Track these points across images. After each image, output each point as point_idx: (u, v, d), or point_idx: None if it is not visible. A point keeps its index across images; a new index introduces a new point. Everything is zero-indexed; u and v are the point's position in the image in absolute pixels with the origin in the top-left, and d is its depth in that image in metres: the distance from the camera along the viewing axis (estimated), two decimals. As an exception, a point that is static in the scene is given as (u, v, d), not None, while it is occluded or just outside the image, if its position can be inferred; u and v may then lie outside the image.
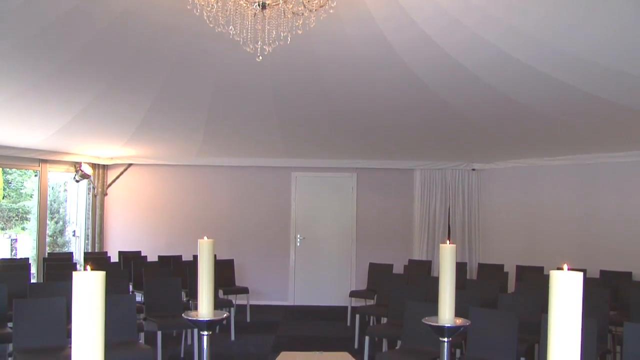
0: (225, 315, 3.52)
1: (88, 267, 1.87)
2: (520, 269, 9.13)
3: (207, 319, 3.35)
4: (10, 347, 5.55)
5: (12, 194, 15.02)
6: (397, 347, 6.32)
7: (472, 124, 8.12)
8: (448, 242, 3.53)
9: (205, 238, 3.35)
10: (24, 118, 7.94)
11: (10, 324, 5.93)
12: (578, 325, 1.77)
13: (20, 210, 14.75)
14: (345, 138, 9.64)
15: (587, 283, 1.84)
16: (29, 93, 6.91)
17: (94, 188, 11.27)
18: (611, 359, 6.42)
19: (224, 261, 9.90)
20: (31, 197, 14.03)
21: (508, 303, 6.38)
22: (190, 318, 3.39)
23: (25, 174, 14.32)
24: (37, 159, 9.91)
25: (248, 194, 11.50)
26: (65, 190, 12.87)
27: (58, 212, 13.09)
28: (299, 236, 11.48)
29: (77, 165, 10.73)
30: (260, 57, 4.43)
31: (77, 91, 7.14)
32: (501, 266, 9.30)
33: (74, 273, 1.80)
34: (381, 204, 11.45)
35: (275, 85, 7.19)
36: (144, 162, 11.29)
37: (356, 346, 7.99)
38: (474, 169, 11.14)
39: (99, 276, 1.80)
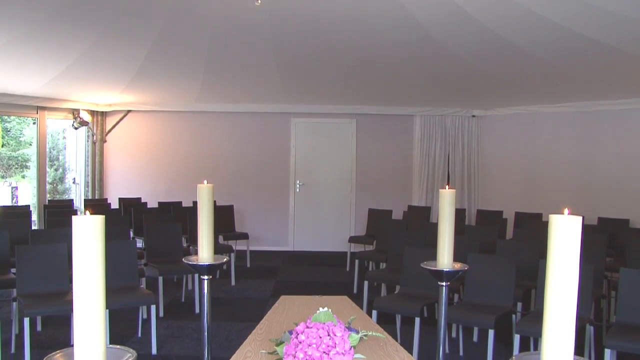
0: (225, 260, 3.54)
1: (87, 212, 1.87)
2: (518, 216, 9.17)
3: (207, 264, 3.37)
4: (14, 292, 5.61)
5: (11, 142, 14.99)
6: (396, 292, 6.39)
7: (472, 70, 8.05)
8: (447, 187, 3.53)
9: (205, 183, 3.35)
10: (20, 65, 7.86)
11: (13, 270, 5.98)
12: (576, 270, 1.77)
13: (19, 158, 14.75)
14: (345, 84, 9.57)
15: (585, 230, 1.85)
16: (24, 39, 6.82)
17: (92, 135, 11.24)
18: (606, 304, 6.51)
19: (224, 207, 9.93)
20: (30, 144, 14.01)
21: (506, 249, 6.42)
22: (190, 262, 3.41)
23: (23, 121, 14.27)
24: (35, 106, 9.85)
25: (248, 140, 11.47)
26: (64, 137, 12.83)
27: (57, 159, 13.09)
28: (298, 182, 11.50)
29: (75, 112, 10.67)
30: (259, 1, 4.36)
31: (73, 37, 7.05)
32: (500, 212, 9.34)
33: (73, 217, 1.80)
34: (381, 150, 11.43)
35: (275, 30, 7.09)
36: (143, 108, 11.22)
37: (355, 291, 8.08)
38: (474, 116, 11.09)
39: (99, 220, 1.80)
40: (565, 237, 1.77)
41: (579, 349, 1.71)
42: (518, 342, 4.89)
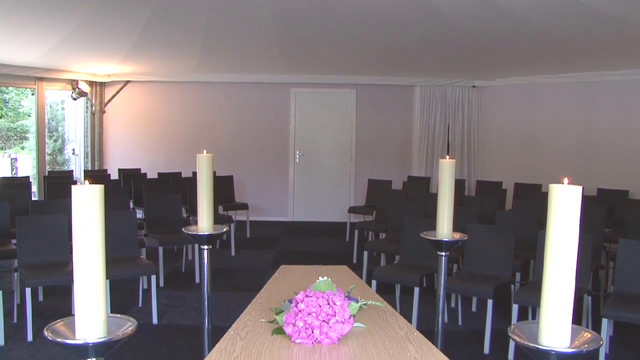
0: (225, 229, 3.55)
1: (87, 182, 1.87)
2: (518, 187, 9.18)
3: (207, 233, 3.38)
4: (15, 262, 5.64)
5: (10, 113, 14.94)
6: (395, 262, 6.42)
7: (473, 40, 7.99)
8: (447, 158, 3.53)
9: (205, 152, 3.35)
10: (17, 34, 7.79)
11: (14, 241, 6.00)
12: (575, 239, 1.78)
13: (18, 129, 14.71)
14: (345, 53, 9.50)
15: (584, 201, 1.84)
16: (21, 9, 6.75)
17: (91, 106, 11.19)
18: (604, 274, 6.54)
19: (224, 177, 9.93)
20: (29, 116, 13.97)
21: (505, 219, 6.43)
22: (190, 232, 3.42)
23: (22, 92, 14.21)
24: (33, 77, 9.79)
25: (247, 111, 11.44)
26: (63, 108, 12.80)
27: (57, 130, 13.06)
28: (298, 152, 11.49)
29: (74, 83, 10.61)
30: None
31: (70, 6, 6.97)
32: (499, 183, 9.34)
33: (73, 187, 1.80)
34: (380, 121, 11.40)
35: (274, -1, 7.03)
36: (142, 79, 11.16)
37: (355, 261, 8.12)
38: (474, 86, 11.04)
39: (98, 189, 1.80)
40: (565, 206, 1.77)
41: (576, 319, 1.73)
42: (517, 312, 4.93)
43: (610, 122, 9.04)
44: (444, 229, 3.46)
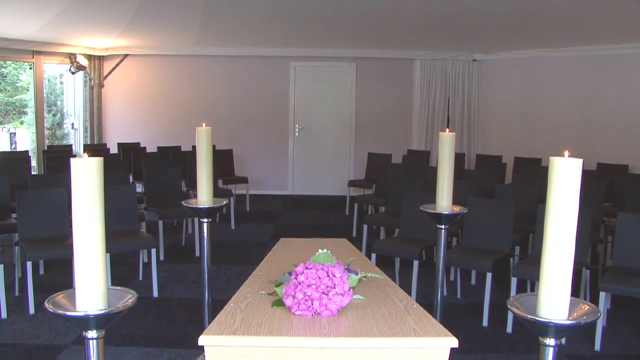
0: (225, 202, 3.55)
1: (85, 155, 1.86)
2: (518, 161, 9.17)
3: (207, 206, 3.38)
4: (16, 236, 5.65)
5: (8, 87, 14.86)
6: (395, 235, 6.44)
7: (474, 13, 7.92)
8: (447, 131, 3.52)
9: (204, 125, 3.34)
10: (13, 7, 7.72)
11: (14, 215, 6.00)
12: (575, 210, 1.78)
13: (17, 103, 14.65)
14: (344, 26, 9.43)
15: (584, 175, 1.84)
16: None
17: (90, 80, 11.13)
18: (602, 248, 6.56)
19: (223, 151, 9.92)
20: (27, 90, 13.90)
21: (505, 193, 6.44)
22: (190, 206, 3.42)
23: (20, 66, 14.12)
24: (30, 50, 9.72)
25: (247, 84, 11.39)
26: (62, 82, 12.73)
27: (55, 104, 13.00)
28: (297, 126, 11.47)
29: (72, 57, 10.54)
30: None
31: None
32: (499, 157, 9.33)
33: (72, 159, 1.80)
34: (380, 94, 11.36)
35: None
36: (140, 52, 11.09)
37: (354, 234, 8.14)
38: (475, 60, 10.97)
39: (97, 162, 1.80)
40: (565, 178, 1.77)
41: (574, 292, 1.74)
42: (515, 285, 4.95)
43: (611, 97, 9.00)
44: (444, 202, 3.47)
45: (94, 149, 9.95)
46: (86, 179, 1.77)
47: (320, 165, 11.52)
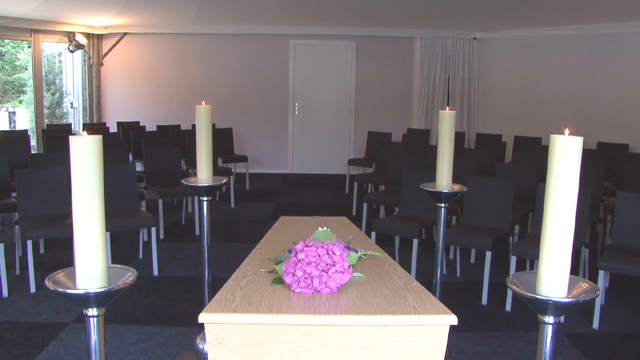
0: (225, 180, 3.55)
1: (85, 133, 1.85)
2: (518, 140, 9.15)
3: (207, 184, 3.38)
4: (16, 215, 5.65)
5: (6, 66, 14.79)
6: (395, 214, 6.45)
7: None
8: (448, 109, 3.51)
9: (203, 103, 3.32)
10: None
11: (14, 194, 6.00)
12: (575, 189, 1.78)
13: (15, 82, 14.59)
14: (344, 4, 9.36)
15: (584, 154, 1.83)
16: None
17: (89, 58, 11.07)
18: (602, 227, 6.57)
19: (223, 130, 9.89)
20: (26, 69, 13.84)
21: (505, 172, 6.43)
22: (189, 184, 3.42)
23: (18, 45, 14.04)
24: (28, 29, 9.66)
25: (246, 63, 11.34)
26: (60, 61, 12.66)
27: (54, 83, 12.96)
28: (297, 104, 11.44)
29: (70, 35, 10.48)
30: None
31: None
32: (499, 136, 9.31)
33: (70, 137, 1.79)
34: (380, 73, 11.32)
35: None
36: (139, 30, 11.02)
37: (354, 213, 8.15)
38: (475, 38, 10.91)
39: (96, 139, 1.79)
40: (565, 156, 1.76)
41: (573, 271, 1.75)
42: (514, 264, 4.97)
43: (612, 75, 8.96)
44: (444, 180, 3.46)
45: (94, 127, 9.93)
46: (85, 156, 1.76)
47: (320, 143, 11.51)
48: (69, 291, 1.82)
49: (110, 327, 4.39)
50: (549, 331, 1.86)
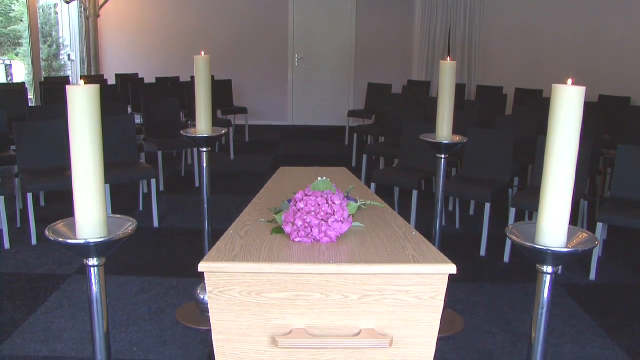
0: (224, 131, 3.53)
1: (82, 81, 1.83)
2: (518, 92, 9.09)
3: (205, 135, 3.37)
4: (15, 168, 5.65)
5: (0, 18, 14.58)
6: (394, 165, 6.45)
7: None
8: (448, 59, 3.47)
9: (202, 53, 3.29)
10: None
11: (12, 147, 5.98)
12: (576, 138, 1.77)
13: (11, 34, 14.40)
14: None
15: (585, 106, 1.82)
16: None
17: (85, 9, 10.92)
18: (601, 180, 6.58)
19: (222, 81, 9.82)
20: (21, 20, 13.64)
21: (505, 124, 6.40)
22: (188, 134, 3.41)
23: (11, -4, 13.81)
24: (22, -23, 9.51)
25: (245, 13, 11.19)
26: (56, 12, 12.49)
27: (50, 35, 12.79)
28: (296, 55, 11.33)
29: (65, -16, 10.32)
30: None
31: None
32: (500, 88, 9.24)
33: (67, 87, 1.77)
34: (381, 23, 11.18)
35: None
36: (135, -20, 10.86)
37: (353, 164, 8.15)
38: (477, -12, 10.75)
39: (93, 89, 1.77)
40: (567, 106, 1.75)
41: (572, 223, 1.75)
42: (513, 216, 4.98)
43: (615, 26, 8.84)
44: (444, 131, 3.45)
45: (91, 80, 9.84)
46: (83, 106, 1.74)
47: (319, 95, 11.44)
48: (69, 241, 1.83)
49: (112, 278, 4.43)
50: (547, 281, 1.87)
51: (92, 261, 1.86)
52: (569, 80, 1.79)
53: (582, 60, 9.24)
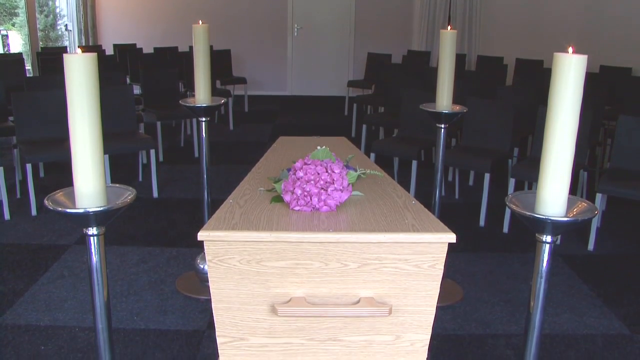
0: (223, 101, 3.52)
1: (79, 50, 1.82)
2: (519, 62, 9.04)
3: (205, 105, 3.35)
4: (14, 139, 5.63)
5: (-5, -12, 14.42)
6: (394, 135, 6.43)
7: None
8: (449, 28, 3.44)
9: (200, 23, 3.26)
10: None
11: (11, 118, 5.96)
12: (577, 106, 1.76)
13: (7, 5, 14.26)
14: None
15: (586, 77, 1.80)
16: None
17: (82, -23, 10.80)
18: (601, 151, 6.57)
19: (221, 52, 9.76)
20: (17, -11, 13.51)
21: (505, 94, 6.38)
22: (187, 104, 3.39)
23: (7, -37, 13.65)
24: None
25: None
26: (53, -19, 12.36)
27: (47, 5, 12.67)
28: (296, 26, 11.25)
29: (62, -48, 10.19)
30: None
31: None
32: (500, 58, 9.19)
33: (64, 55, 1.75)
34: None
35: None
36: (133, -52, 10.74)
37: (353, 135, 8.13)
38: (478, -44, 10.63)
39: (91, 57, 1.75)
40: (569, 74, 1.73)
41: (572, 194, 1.75)
42: (513, 186, 4.99)
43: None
44: (444, 100, 3.43)
45: (89, 50, 9.72)
46: (80, 74, 1.73)
47: (319, 65, 11.38)
48: (69, 210, 1.82)
49: (112, 248, 4.45)
50: (546, 250, 1.88)
51: (92, 230, 1.86)
52: (570, 49, 1.78)
53: (583, 31, 9.17)
